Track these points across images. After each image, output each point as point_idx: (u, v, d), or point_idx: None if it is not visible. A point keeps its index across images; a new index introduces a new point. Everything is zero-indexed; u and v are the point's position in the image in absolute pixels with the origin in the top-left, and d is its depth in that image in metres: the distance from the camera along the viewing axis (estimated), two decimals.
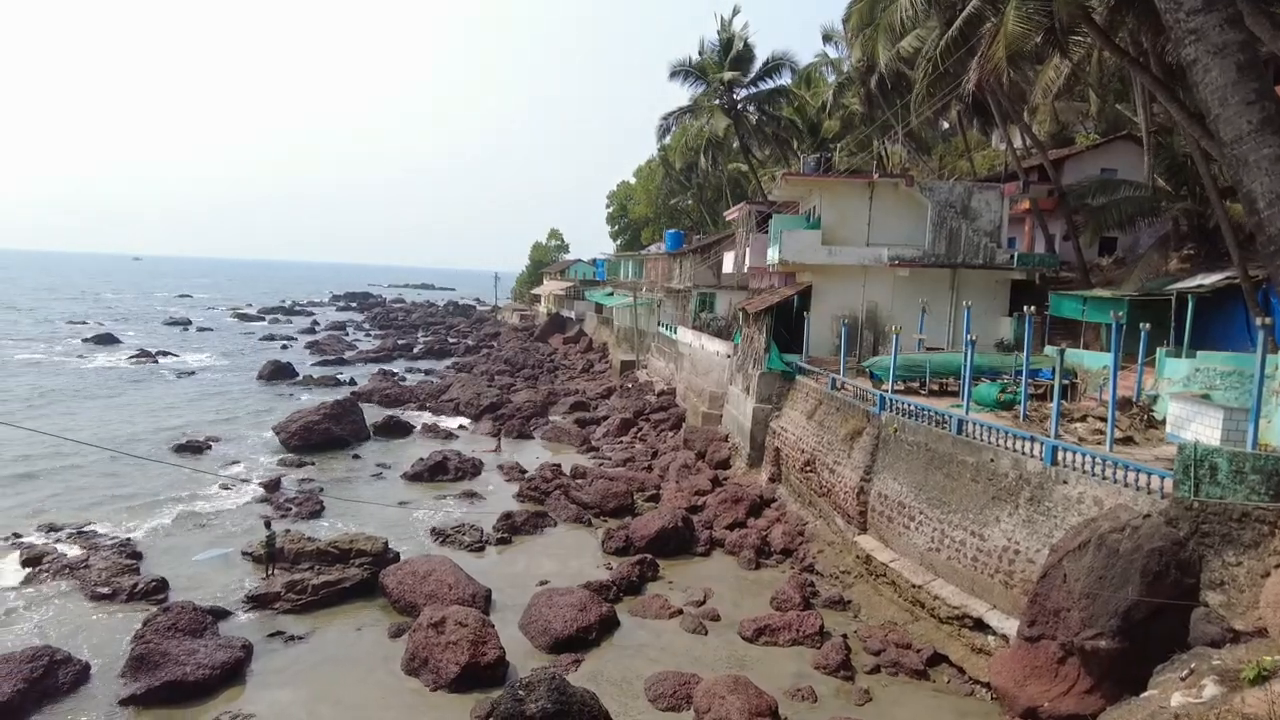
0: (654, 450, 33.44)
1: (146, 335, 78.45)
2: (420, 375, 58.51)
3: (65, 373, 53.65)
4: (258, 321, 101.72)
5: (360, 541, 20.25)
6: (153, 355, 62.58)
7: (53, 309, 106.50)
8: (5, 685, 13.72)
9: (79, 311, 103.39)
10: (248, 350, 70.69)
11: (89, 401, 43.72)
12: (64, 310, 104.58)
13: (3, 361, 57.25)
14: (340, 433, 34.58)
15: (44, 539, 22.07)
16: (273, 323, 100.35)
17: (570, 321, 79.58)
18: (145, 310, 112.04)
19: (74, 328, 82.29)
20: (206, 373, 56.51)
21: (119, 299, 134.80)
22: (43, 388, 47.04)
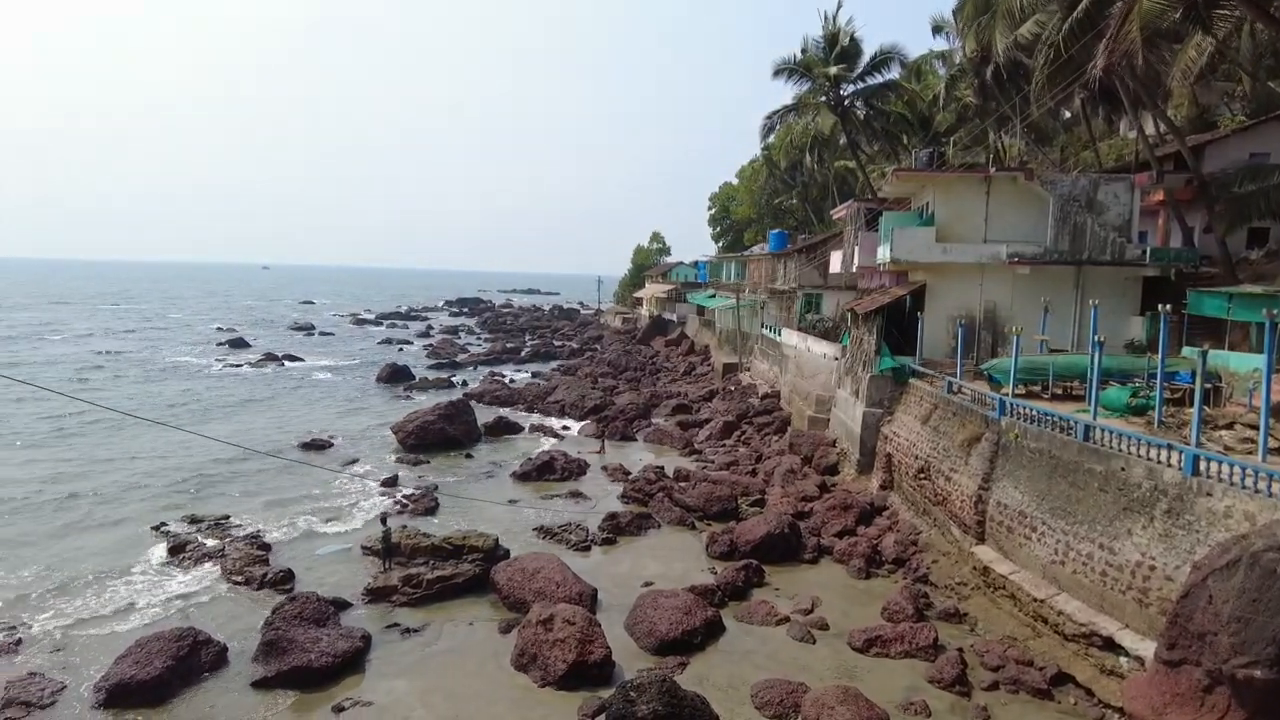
0: (758, 454, 33.03)
1: (273, 340, 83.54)
2: (527, 377, 59.92)
3: (202, 376, 57.81)
4: (376, 326, 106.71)
5: (472, 538, 20.88)
6: (279, 358, 66.56)
7: (193, 316, 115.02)
8: (156, 662, 14.83)
9: (214, 318, 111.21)
10: (367, 353, 74.25)
11: (222, 402, 46.93)
12: (203, 317, 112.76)
13: (155, 365, 62.27)
14: (453, 432, 35.82)
15: (186, 529, 23.80)
16: (390, 327, 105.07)
17: (672, 324, 79.74)
18: (272, 316, 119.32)
19: (209, 333, 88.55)
20: (328, 375, 59.68)
21: (249, 306, 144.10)
22: (187, 389, 50.87)
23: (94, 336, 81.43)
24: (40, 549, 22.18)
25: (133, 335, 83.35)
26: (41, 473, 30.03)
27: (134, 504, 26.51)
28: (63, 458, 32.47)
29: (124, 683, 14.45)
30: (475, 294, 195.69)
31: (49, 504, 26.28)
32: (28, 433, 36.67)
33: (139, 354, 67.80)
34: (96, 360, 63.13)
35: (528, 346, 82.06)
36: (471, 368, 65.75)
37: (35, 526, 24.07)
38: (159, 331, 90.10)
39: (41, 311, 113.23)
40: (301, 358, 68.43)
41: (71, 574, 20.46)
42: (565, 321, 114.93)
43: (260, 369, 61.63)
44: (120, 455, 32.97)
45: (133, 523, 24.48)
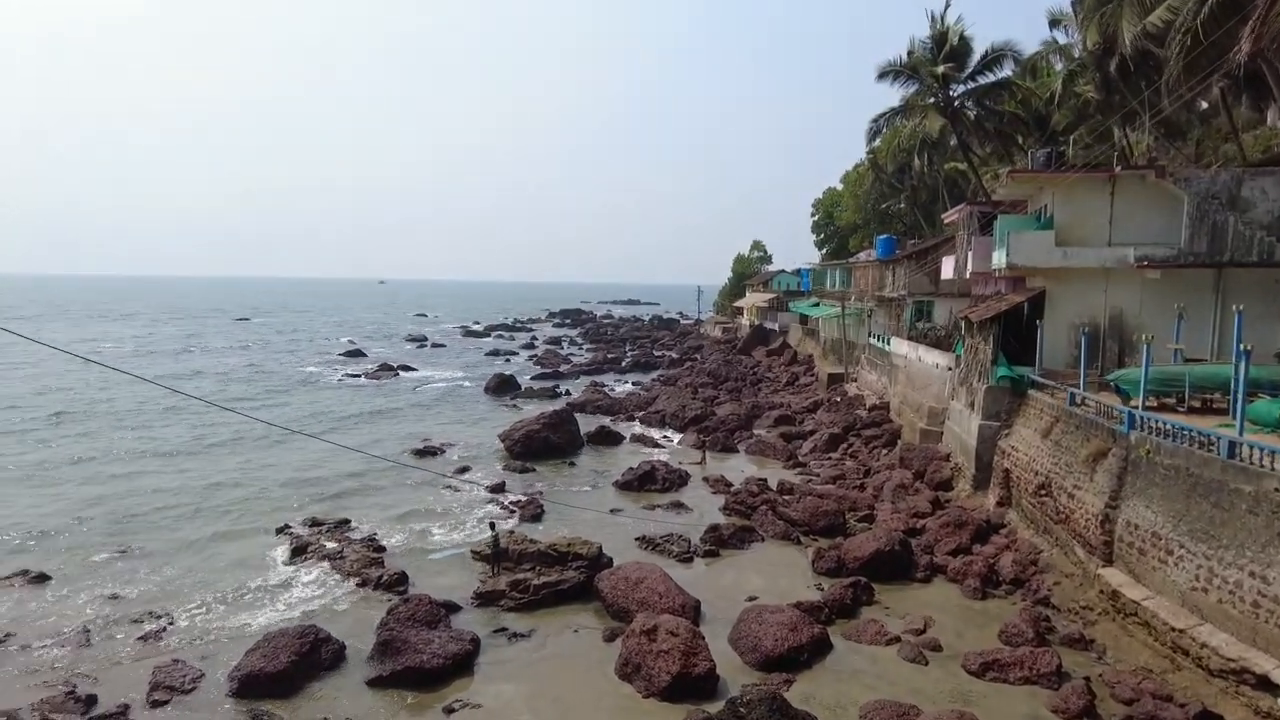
0: (866, 468, 32.12)
1: (389, 351, 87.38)
2: (628, 387, 60.41)
3: (326, 386, 61.05)
4: (484, 338, 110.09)
5: (577, 545, 21.15)
6: (394, 369, 69.50)
7: (317, 330, 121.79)
8: (282, 656, 15.67)
9: (336, 331, 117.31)
10: (476, 364, 76.67)
11: (344, 411, 49.39)
12: (325, 329, 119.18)
13: (286, 376, 66.28)
14: (558, 441, 36.50)
15: (308, 531, 25.10)
16: (497, 338, 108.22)
17: (774, 333, 78.74)
18: (389, 329, 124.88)
19: (331, 345, 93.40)
20: (440, 384, 61.91)
21: (367, 319, 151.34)
22: (313, 399, 53.88)
23: (231, 350, 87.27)
24: (183, 548, 23.86)
25: (265, 348, 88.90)
26: (187, 479, 32.36)
27: (263, 507, 28.18)
28: (205, 465, 34.91)
29: (253, 674, 15.33)
30: (577, 305, 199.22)
31: (193, 506, 28.26)
32: (176, 441, 39.57)
33: (272, 366, 72.21)
34: (235, 372, 67.68)
35: (628, 357, 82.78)
36: (574, 378, 66.83)
37: (180, 527, 25.92)
38: (289, 343, 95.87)
39: (182, 325, 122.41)
40: (415, 368, 71.25)
41: (209, 571, 21.92)
42: (665, 331, 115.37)
43: (377, 379, 64.56)
44: (254, 462, 35.16)
45: (262, 525, 26.00)
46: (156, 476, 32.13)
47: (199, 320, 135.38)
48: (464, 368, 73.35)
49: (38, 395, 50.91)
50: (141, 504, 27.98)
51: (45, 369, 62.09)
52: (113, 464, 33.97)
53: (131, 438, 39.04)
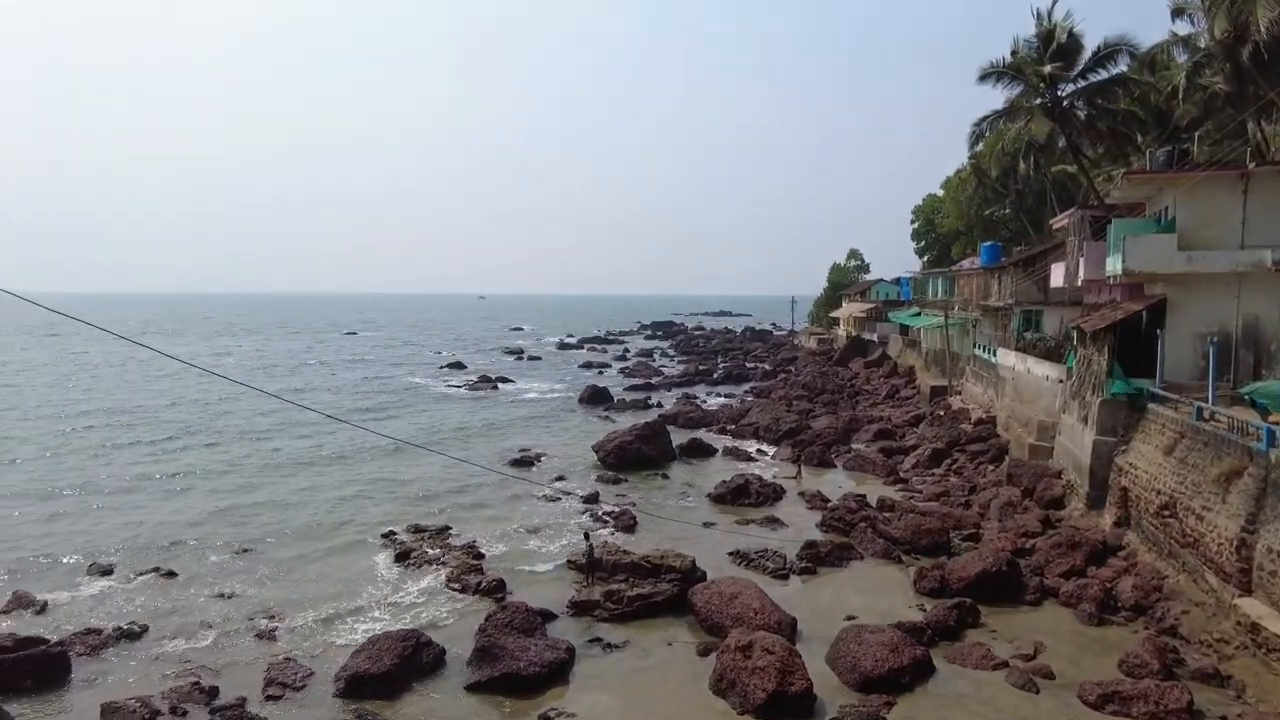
0: (971, 485, 30.83)
1: (487, 363, 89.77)
2: (720, 400, 60.08)
3: (428, 397, 63.20)
4: (578, 350, 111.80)
5: (670, 558, 21.09)
6: (492, 381, 71.33)
7: (420, 343, 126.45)
8: (385, 659, 16.21)
9: (437, 344, 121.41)
10: (569, 376, 77.89)
11: (444, 419, 51.00)
12: (427, 343, 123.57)
13: (394, 388, 69.08)
14: (650, 453, 36.61)
15: (411, 538, 25.93)
16: (590, 350, 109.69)
17: (872, 345, 76.77)
18: (486, 342, 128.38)
19: (433, 358, 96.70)
20: (536, 395, 63.16)
21: (466, 333, 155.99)
22: (419, 409, 55.93)
23: (342, 364, 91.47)
24: (296, 551, 25.06)
25: (372, 363, 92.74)
26: (301, 486, 34.10)
27: (370, 514, 29.30)
28: (318, 473, 36.68)
29: (358, 675, 15.91)
30: (668, 317, 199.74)
31: (306, 512, 29.72)
32: (293, 450, 41.73)
33: (379, 379, 75.23)
34: (347, 385, 70.92)
35: (720, 369, 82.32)
36: (666, 389, 66.95)
37: (293, 532, 27.26)
38: (394, 357, 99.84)
39: (299, 340, 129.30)
40: (512, 380, 72.95)
41: (319, 574, 22.95)
42: (758, 343, 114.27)
43: (476, 391, 66.41)
44: (363, 471, 36.64)
45: (368, 531, 27.02)
46: (274, 485, 33.91)
47: (313, 335, 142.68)
48: (558, 380, 74.61)
49: (170, 406, 54.62)
50: (259, 510, 29.58)
51: (177, 381, 66.81)
52: (236, 472, 36.05)
53: (253, 448, 41.36)
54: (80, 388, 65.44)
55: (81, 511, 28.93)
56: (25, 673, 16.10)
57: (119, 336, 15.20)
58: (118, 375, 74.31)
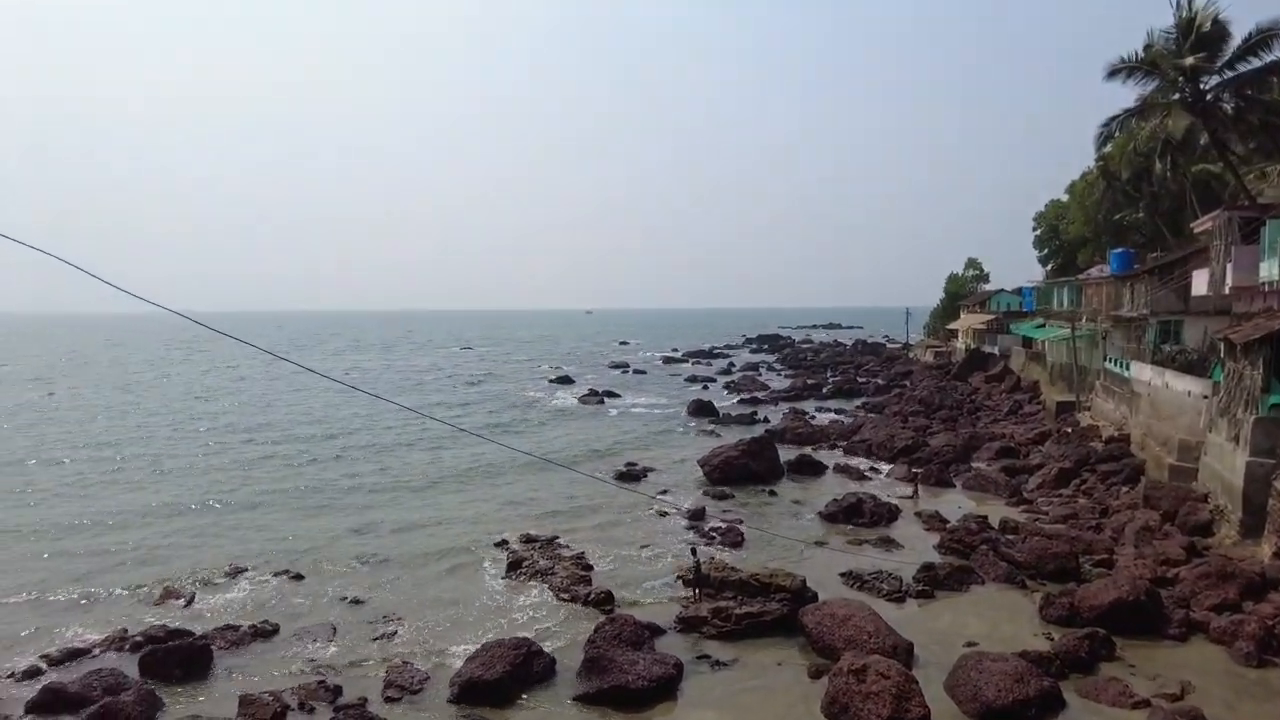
0: (1103, 507, 28.85)
1: (595, 378, 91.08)
2: (830, 415, 58.71)
3: (539, 409, 64.65)
4: (683, 364, 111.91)
5: (780, 577, 20.66)
6: (599, 395, 72.24)
7: (530, 357, 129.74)
8: (498, 666, 16.57)
9: (546, 359, 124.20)
10: (675, 390, 78.02)
11: (553, 432, 52.03)
12: (537, 358, 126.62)
13: (508, 401, 71.15)
14: (757, 469, 36.11)
15: (523, 547, 26.47)
16: (695, 364, 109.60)
17: (992, 358, 73.33)
18: (594, 356, 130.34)
19: (543, 372, 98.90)
20: (642, 409, 63.54)
21: (574, 347, 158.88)
22: (526, 421, 57.37)
23: (461, 378, 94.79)
24: (415, 557, 26.03)
25: (488, 377, 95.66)
26: (419, 491, 35.51)
27: (485, 522, 30.15)
28: (434, 476, 38.13)
29: (472, 681, 16.30)
30: (774, 330, 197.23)
31: (424, 517, 30.91)
32: (416, 457, 43.53)
33: (494, 393, 77.55)
34: (468, 399, 73.52)
35: (830, 383, 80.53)
36: (772, 404, 66.02)
37: (413, 538, 28.32)
38: (507, 372, 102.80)
39: (423, 357, 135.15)
40: (619, 394, 73.69)
41: (436, 581, 23.76)
42: (870, 356, 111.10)
43: (584, 404, 67.44)
44: (479, 479, 37.81)
45: (483, 539, 27.77)
46: (396, 494, 35.41)
47: (434, 350, 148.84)
48: (664, 394, 74.84)
49: (308, 423, 57.95)
50: (382, 519, 30.88)
51: (308, 395, 71.05)
52: (361, 481, 37.85)
53: (378, 460, 43.36)
54: (225, 401, 70.47)
55: (221, 517, 31.04)
56: (175, 662, 17.40)
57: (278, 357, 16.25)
58: (258, 389, 79.63)
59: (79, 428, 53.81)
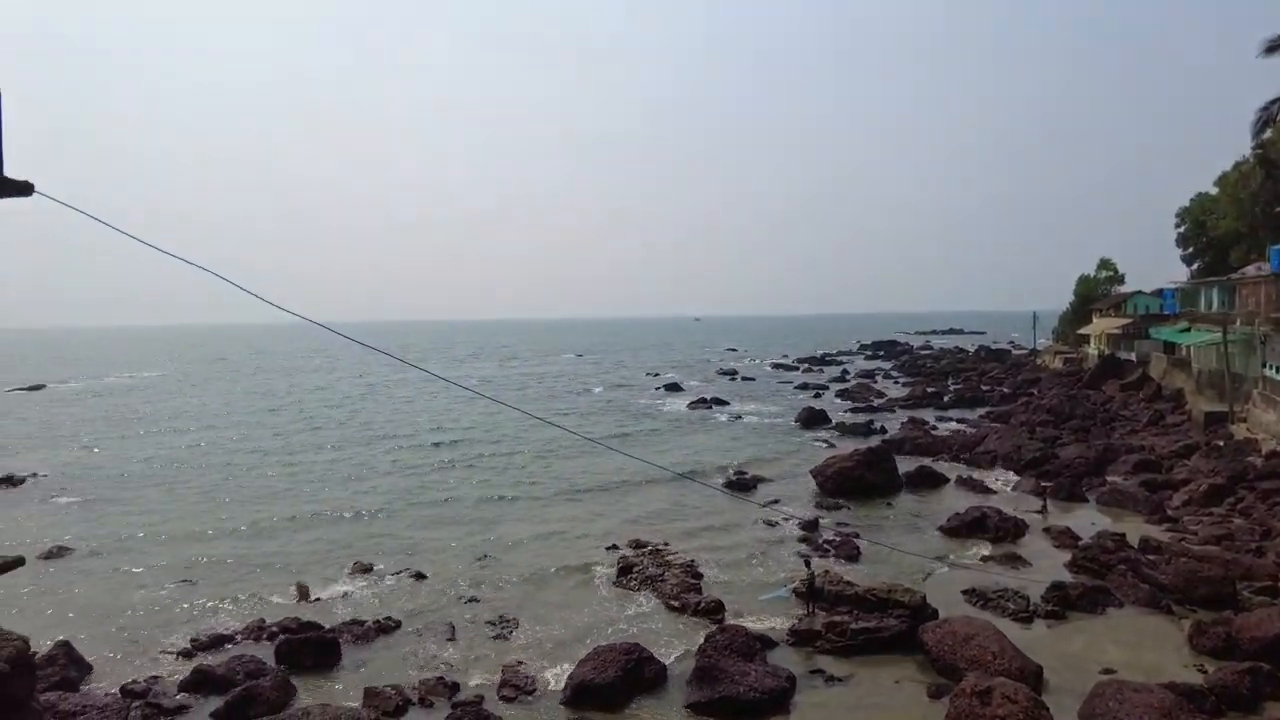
0: (1264, 529, 26.32)
1: (703, 385, 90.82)
2: (951, 425, 56.29)
3: (649, 417, 65.02)
4: (793, 371, 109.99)
5: (898, 592, 19.92)
6: (708, 402, 71.92)
7: (640, 365, 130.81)
8: (609, 670, 16.67)
9: (655, 366, 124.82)
10: (786, 398, 76.75)
11: (662, 439, 52.19)
12: (646, 366, 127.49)
13: (619, 408, 72.09)
14: (873, 480, 34.97)
15: (633, 553, 26.59)
16: (806, 372, 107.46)
17: (1129, 364, 68.45)
18: (702, 363, 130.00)
19: (652, 380, 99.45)
20: (752, 418, 62.82)
21: (683, 354, 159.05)
22: (636, 427, 57.87)
23: (573, 386, 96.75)
24: (529, 560, 26.65)
25: (602, 385, 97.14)
26: (532, 493, 36.38)
27: (598, 526, 30.58)
28: (548, 481, 38.96)
29: (584, 684, 16.47)
30: (891, 336, 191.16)
31: (538, 520, 31.66)
32: (528, 455, 44.65)
33: (605, 400, 78.74)
34: (577, 405, 75.02)
35: (951, 391, 77.22)
36: (889, 413, 63.89)
37: (529, 541, 29.01)
38: (616, 378, 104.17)
39: (530, 364, 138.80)
40: (727, 401, 73.16)
41: (549, 583, 24.21)
42: (994, 363, 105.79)
43: (693, 411, 67.36)
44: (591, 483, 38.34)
45: (595, 544, 28.14)
46: (513, 496, 36.42)
47: (543, 359, 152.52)
48: (774, 401, 73.76)
49: (432, 430, 60.46)
50: (500, 520, 31.82)
51: (433, 401, 74.14)
52: (481, 485, 39.21)
53: (496, 463, 44.86)
54: (356, 406, 74.55)
55: (350, 518, 32.71)
56: (307, 652, 18.45)
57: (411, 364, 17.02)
58: (387, 396, 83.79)
59: (225, 432, 58.14)
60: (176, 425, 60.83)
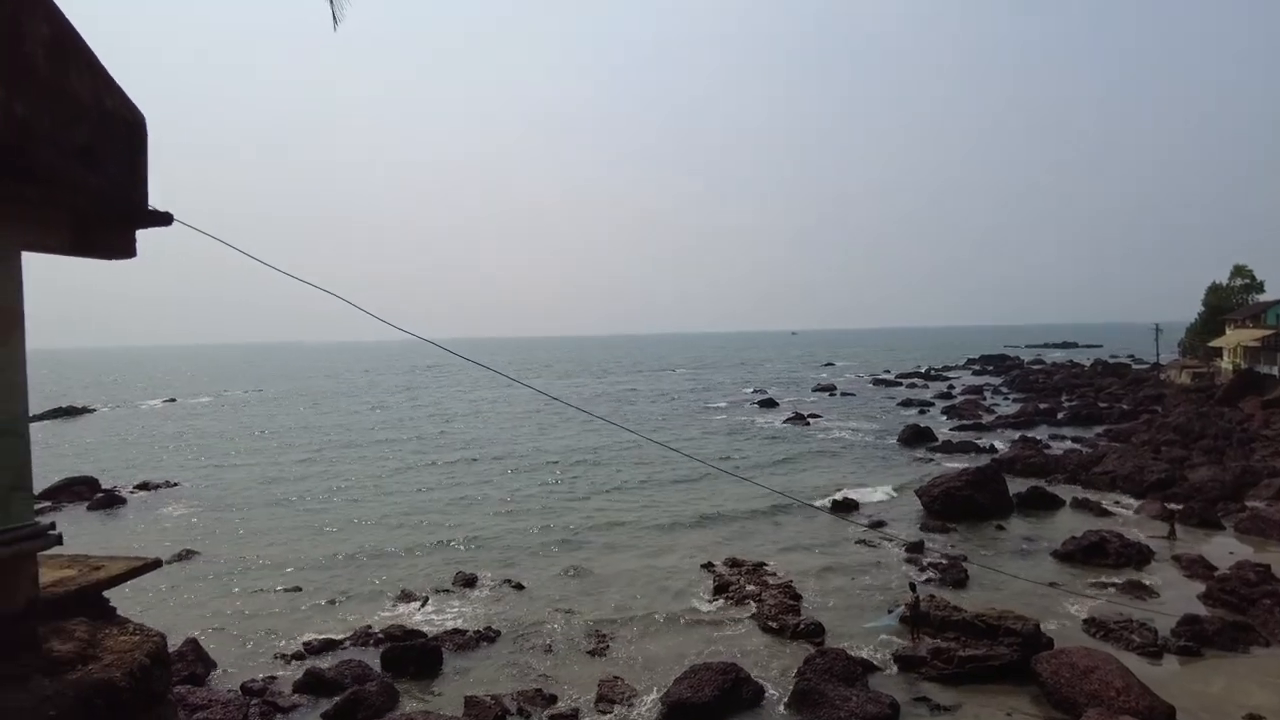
0: None
1: (799, 400, 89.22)
2: (1066, 443, 53.29)
3: (742, 433, 64.35)
4: (895, 386, 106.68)
5: (1009, 619, 18.87)
6: (804, 418, 70.53)
7: (733, 379, 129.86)
8: (706, 689, 16.43)
9: (749, 380, 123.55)
10: (887, 414, 74.47)
11: (758, 454, 51.46)
12: (740, 380, 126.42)
13: (712, 422, 71.77)
14: (982, 501, 33.40)
15: (729, 570, 26.23)
16: (909, 387, 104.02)
17: (1270, 379, 63.14)
18: (798, 378, 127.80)
19: (745, 394, 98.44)
20: (850, 435, 61.21)
21: (778, 369, 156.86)
22: (734, 445, 57.36)
23: (674, 401, 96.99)
24: (623, 573, 26.72)
25: (696, 398, 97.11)
26: (628, 511, 36.52)
27: (692, 541, 30.36)
28: (644, 497, 39.06)
29: (680, 702, 16.27)
30: (1000, 351, 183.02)
31: (632, 537, 31.70)
32: (628, 476, 44.92)
33: (702, 413, 78.52)
34: (680, 420, 75.11)
35: (1065, 408, 73.17)
36: (998, 431, 61.04)
37: (622, 555, 29.17)
38: (713, 394, 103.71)
39: (636, 381, 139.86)
40: (825, 417, 71.63)
41: (643, 598, 24.13)
42: (1112, 379, 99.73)
43: (788, 427, 66.22)
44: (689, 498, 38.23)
45: (689, 560, 27.94)
46: (609, 510, 36.66)
47: (641, 375, 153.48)
48: (874, 418, 71.67)
49: (534, 446, 61.79)
50: (595, 535, 32.03)
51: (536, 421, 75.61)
52: (579, 498, 39.70)
53: (594, 475, 45.45)
54: (465, 423, 76.92)
55: (455, 530, 33.58)
56: (411, 659, 18.97)
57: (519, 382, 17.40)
58: (493, 412, 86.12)
59: (339, 447, 60.95)
60: (293, 439, 64.22)
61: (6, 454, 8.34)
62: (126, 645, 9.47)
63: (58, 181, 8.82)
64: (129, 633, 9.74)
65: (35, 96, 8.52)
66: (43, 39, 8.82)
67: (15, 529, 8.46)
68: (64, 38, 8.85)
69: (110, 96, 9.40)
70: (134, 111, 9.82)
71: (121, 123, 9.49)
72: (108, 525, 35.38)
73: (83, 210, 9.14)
